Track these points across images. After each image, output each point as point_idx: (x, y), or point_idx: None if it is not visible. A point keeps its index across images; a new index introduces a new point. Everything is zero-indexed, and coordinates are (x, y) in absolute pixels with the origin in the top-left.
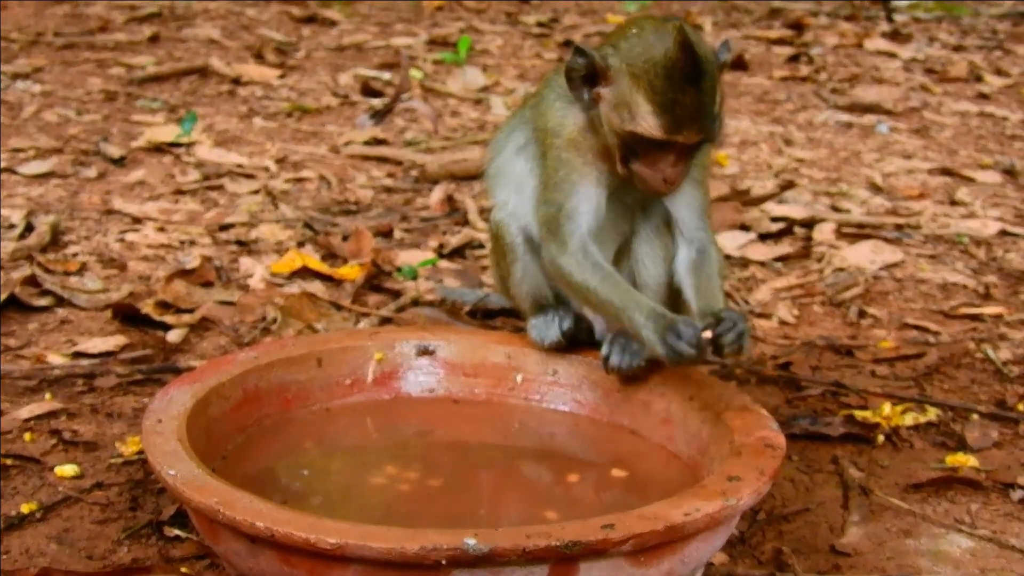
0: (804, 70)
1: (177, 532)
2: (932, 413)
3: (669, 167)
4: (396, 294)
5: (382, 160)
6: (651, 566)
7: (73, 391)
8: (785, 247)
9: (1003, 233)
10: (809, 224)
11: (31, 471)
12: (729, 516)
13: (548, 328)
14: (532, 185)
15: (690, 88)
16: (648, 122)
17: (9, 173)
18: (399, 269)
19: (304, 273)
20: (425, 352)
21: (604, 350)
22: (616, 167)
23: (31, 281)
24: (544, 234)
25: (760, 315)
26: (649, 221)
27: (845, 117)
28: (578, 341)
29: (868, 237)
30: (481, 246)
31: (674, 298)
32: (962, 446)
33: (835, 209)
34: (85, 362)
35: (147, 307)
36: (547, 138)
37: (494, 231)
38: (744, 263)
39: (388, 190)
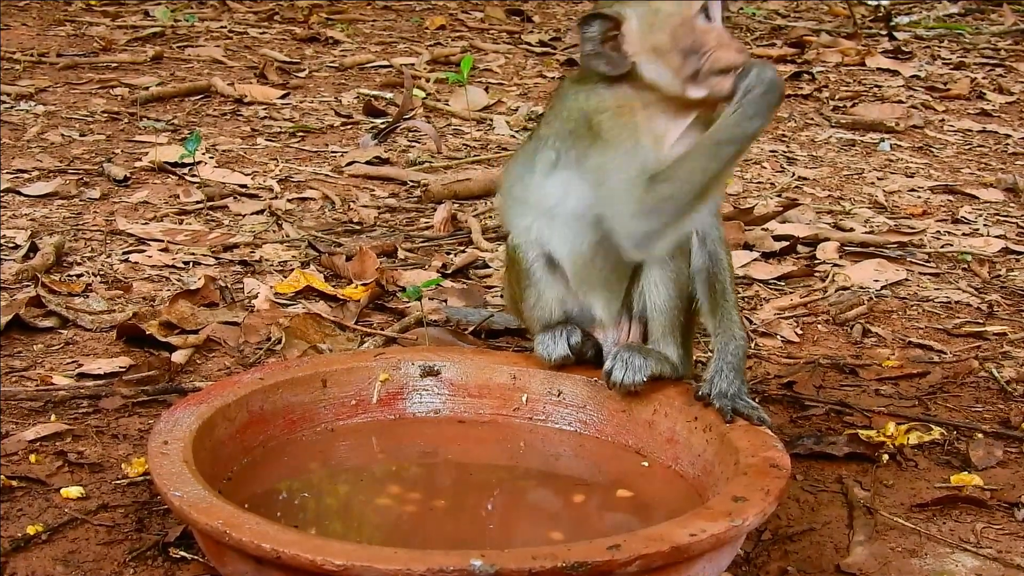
0: (806, 88)
1: (183, 553)
2: (936, 432)
3: (724, 33)
4: (400, 314)
5: (385, 180)
6: None
7: (78, 412)
8: (788, 266)
9: (1006, 251)
10: (812, 243)
11: (36, 493)
12: (734, 537)
13: (556, 343)
14: (575, 198)
15: None
16: None
17: (13, 194)
18: (403, 289)
19: (308, 293)
20: (430, 372)
21: (607, 365)
22: (687, 93)
23: (35, 302)
24: (613, 210)
25: (764, 334)
26: None
27: (847, 135)
28: (584, 359)
29: (871, 256)
30: (485, 265)
31: (685, 319)
32: (966, 465)
33: (838, 228)
34: (90, 383)
35: (152, 328)
36: (593, 118)
37: (511, 254)
38: (748, 282)
39: (391, 210)
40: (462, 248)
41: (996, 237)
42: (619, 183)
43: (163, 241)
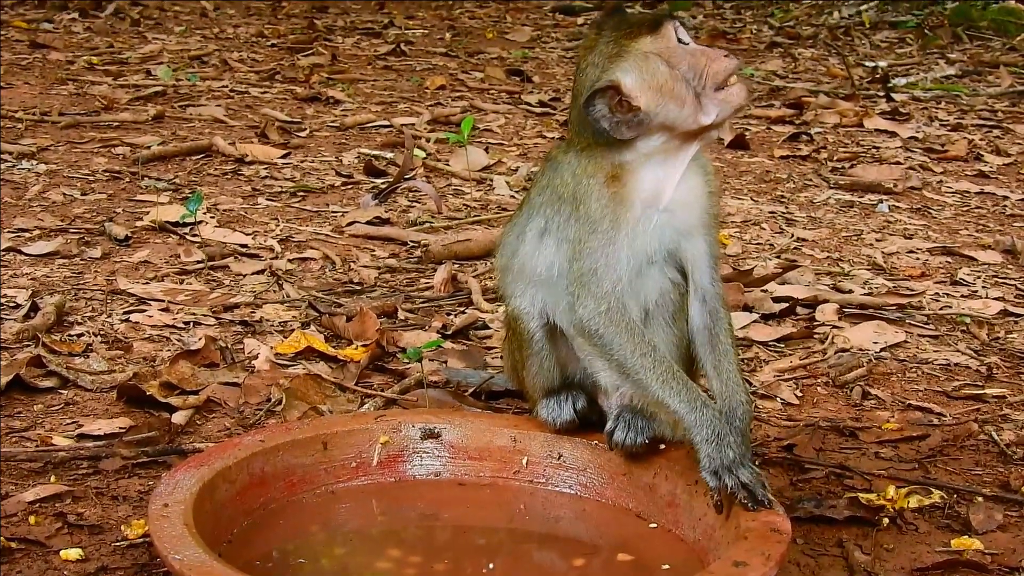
0: (805, 149)
1: None
2: (936, 495)
3: (707, 49)
4: (401, 375)
5: (386, 240)
6: None
7: (78, 473)
8: (788, 328)
9: (1005, 313)
10: (811, 305)
11: (36, 555)
12: None
13: (561, 408)
14: (562, 264)
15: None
16: (658, 30)
17: (14, 253)
18: (403, 350)
19: (309, 354)
20: (430, 435)
21: (609, 425)
22: (701, 121)
23: (36, 362)
24: (578, 290)
25: (764, 396)
26: (664, 309)
27: (846, 196)
28: (589, 423)
29: (870, 317)
30: (485, 326)
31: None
32: (967, 529)
33: (837, 289)
34: (90, 444)
35: (152, 388)
36: (581, 184)
37: (511, 324)
38: (747, 344)
39: (392, 270)
40: (462, 309)
41: (995, 299)
42: (584, 271)
43: (164, 301)
